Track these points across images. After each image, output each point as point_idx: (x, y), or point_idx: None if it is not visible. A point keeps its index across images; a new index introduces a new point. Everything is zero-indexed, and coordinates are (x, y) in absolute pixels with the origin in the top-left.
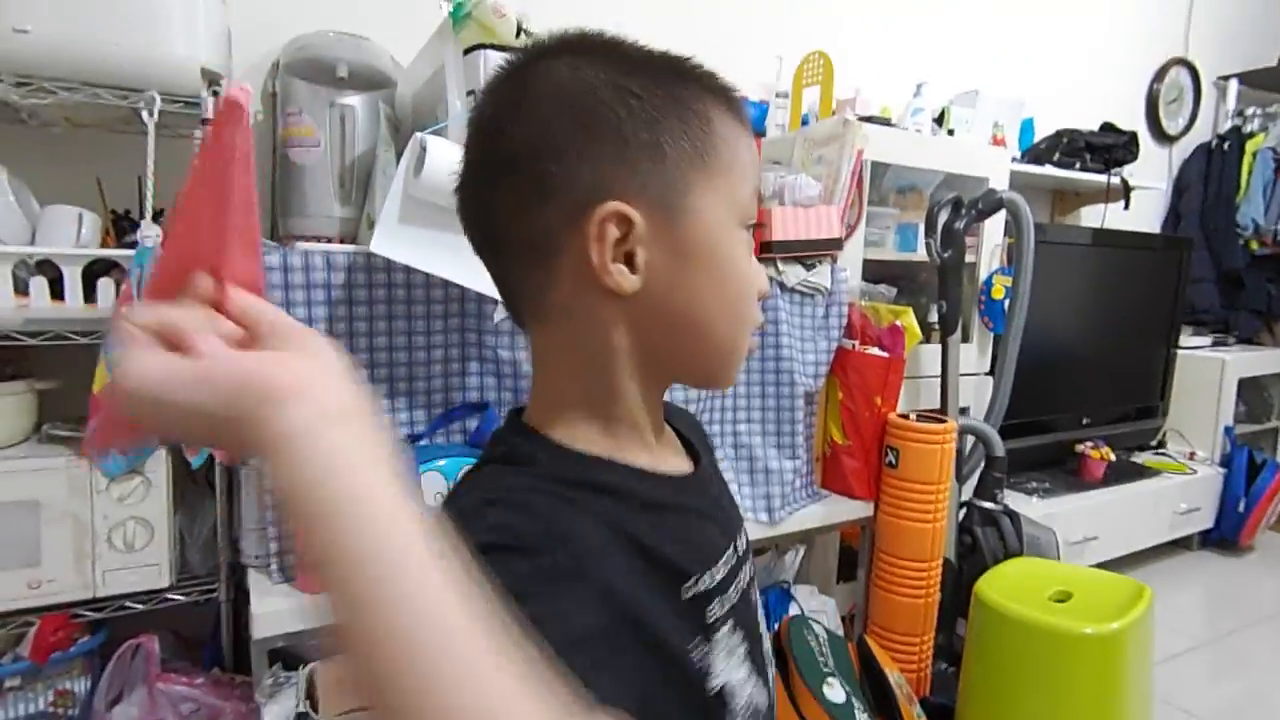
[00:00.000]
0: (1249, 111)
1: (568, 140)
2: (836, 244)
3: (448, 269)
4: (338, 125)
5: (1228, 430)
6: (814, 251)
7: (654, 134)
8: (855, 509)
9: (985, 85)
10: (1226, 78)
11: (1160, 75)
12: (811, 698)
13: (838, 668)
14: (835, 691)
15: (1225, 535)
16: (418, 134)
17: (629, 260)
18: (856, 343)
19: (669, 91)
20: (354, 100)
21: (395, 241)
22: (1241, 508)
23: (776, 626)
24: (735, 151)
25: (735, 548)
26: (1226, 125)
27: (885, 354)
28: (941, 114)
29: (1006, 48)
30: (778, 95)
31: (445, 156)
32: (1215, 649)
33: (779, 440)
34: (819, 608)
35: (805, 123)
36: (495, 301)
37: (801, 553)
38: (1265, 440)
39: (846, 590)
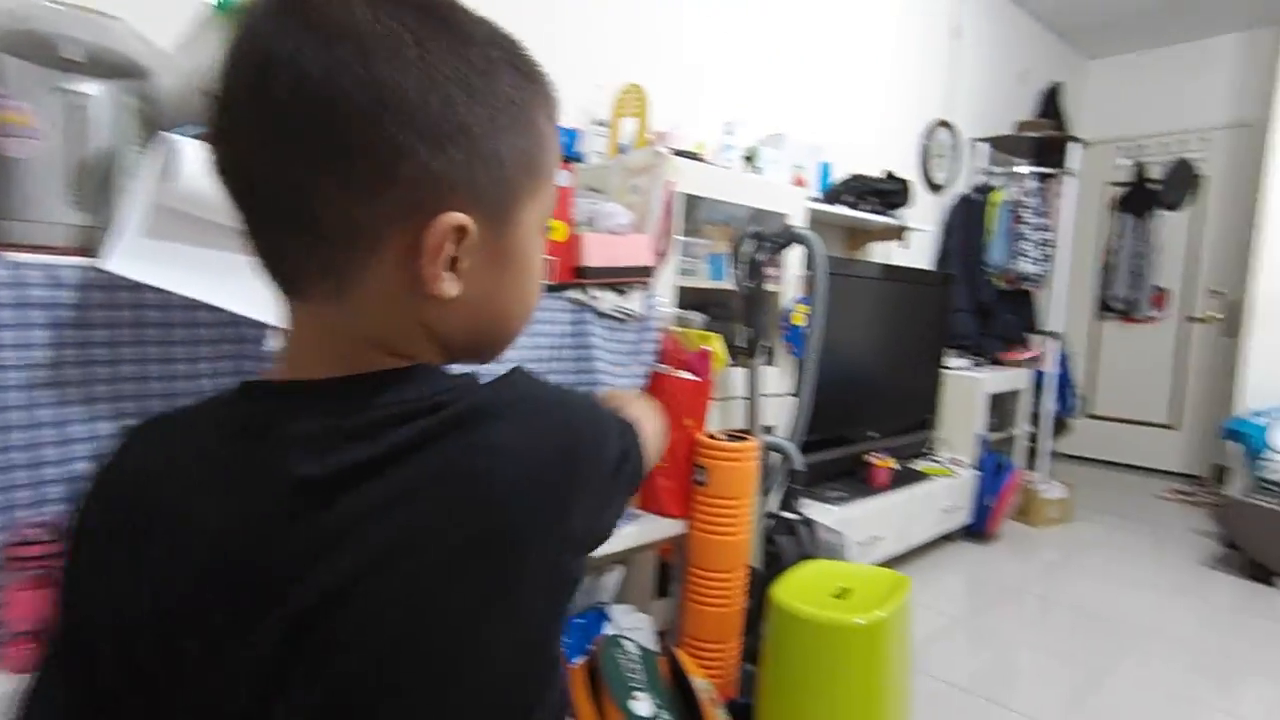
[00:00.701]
0: (994, 170)
1: (412, 134)
2: (648, 271)
3: (207, 290)
4: (67, 116)
5: (980, 438)
6: (626, 278)
7: (498, 143)
8: (669, 527)
9: (790, 130)
10: (978, 140)
11: (929, 134)
12: (619, 713)
13: (648, 682)
14: (641, 705)
15: (978, 527)
16: (163, 133)
17: (453, 265)
18: (669, 367)
19: (510, 96)
20: (91, 88)
21: (137, 258)
22: (989, 503)
23: (591, 647)
24: (552, 154)
25: None
26: (979, 180)
27: (695, 377)
28: (750, 153)
29: (808, 97)
30: (596, 123)
31: (201, 162)
32: (968, 625)
33: None
34: (635, 625)
35: (624, 152)
36: (269, 326)
37: (621, 573)
38: (1006, 446)
39: (663, 606)
